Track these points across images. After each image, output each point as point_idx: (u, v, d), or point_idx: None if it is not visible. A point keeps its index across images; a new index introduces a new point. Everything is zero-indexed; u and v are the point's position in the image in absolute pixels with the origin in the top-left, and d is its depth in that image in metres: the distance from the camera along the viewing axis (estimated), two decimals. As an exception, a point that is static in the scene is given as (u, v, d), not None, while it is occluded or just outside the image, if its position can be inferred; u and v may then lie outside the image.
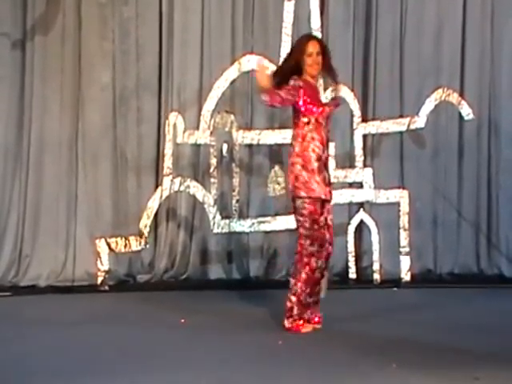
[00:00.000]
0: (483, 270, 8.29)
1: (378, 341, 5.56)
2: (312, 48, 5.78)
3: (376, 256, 7.95)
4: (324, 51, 5.83)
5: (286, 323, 5.77)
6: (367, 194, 7.98)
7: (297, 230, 5.81)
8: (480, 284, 7.93)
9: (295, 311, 5.75)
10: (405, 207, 7.98)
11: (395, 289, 7.79)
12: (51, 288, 7.45)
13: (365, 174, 8.00)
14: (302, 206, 5.72)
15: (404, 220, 7.98)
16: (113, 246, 7.58)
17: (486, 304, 7.06)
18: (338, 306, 6.86)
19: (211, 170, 7.84)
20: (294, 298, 5.74)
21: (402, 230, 7.98)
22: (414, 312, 6.67)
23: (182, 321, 6.11)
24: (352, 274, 7.98)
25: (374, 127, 8.10)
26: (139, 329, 5.89)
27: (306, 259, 5.72)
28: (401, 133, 8.17)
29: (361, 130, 8.07)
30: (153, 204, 7.72)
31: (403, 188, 8.10)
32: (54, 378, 4.59)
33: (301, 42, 5.87)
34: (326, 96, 7.95)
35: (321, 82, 7.89)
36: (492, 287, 7.86)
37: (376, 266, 7.95)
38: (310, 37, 6.03)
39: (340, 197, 7.91)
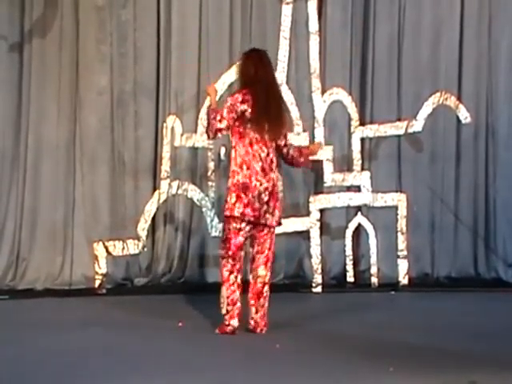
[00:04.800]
0: (480, 274, 8.30)
1: (376, 344, 5.56)
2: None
3: (374, 259, 7.96)
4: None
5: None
6: (365, 197, 7.98)
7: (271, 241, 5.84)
8: (477, 288, 7.94)
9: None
10: (402, 211, 7.98)
11: (393, 292, 7.79)
12: (48, 291, 7.45)
13: (362, 178, 8.01)
14: None
15: (402, 223, 7.98)
16: (110, 249, 7.57)
17: (483, 308, 7.06)
18: (335, 310, 6.87)
19: (209, 174, 7.83)
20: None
21: (399, 234, 7.98)
22: (411, 316, 6.68)
23: (180, 324, 6.10)
24: (350, 278, 7.98)
25: (371, 131, 8.10)
26: (137, 332, 5.88)
27: None
28: (398, 136, 8.18)
29: (358, 133, 8.08)
30: (150, 207, 7.72)
31: (401, 191, 8.10)
32: (52, 382, 4.58)
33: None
34: (324, 100, 7.97)
35: (319, 85, 7.94)
36: (489, 291, 7.87)
37: (374, 270, 7.95)
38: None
39: (338, 200, 7.93)
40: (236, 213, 5.67)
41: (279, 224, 5.86)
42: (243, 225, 5.69)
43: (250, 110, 5.68)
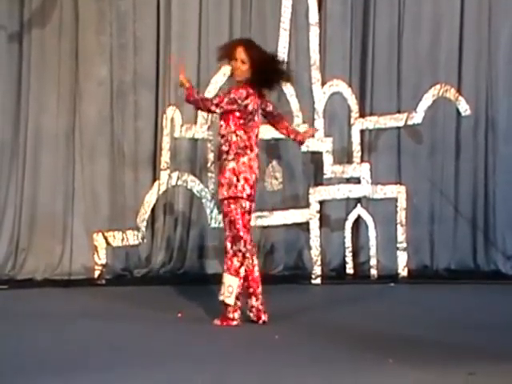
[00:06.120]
0: (480, 266, 8.30)
1: (375, 336, 5.56)
2: (237, 55, 5.84)
3: (373, 251, 7.96)
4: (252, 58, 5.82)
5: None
6: (364, 189, 7.97)
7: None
8: (476, 280, 7.94)
9: None
10: (402, 203, 7.98)
11: (392, 284, 7.80)
12: (48, 282, 7.45)
13: (362, 170, 8.00)
14: None
15: (401, 215, 7.98)
16: (110, 239, 7.57)
17: (482, 300, 7.07)
18: (334, 301, 6.88)
19: (209, 165, 7.83)
20: None
21: (399, 226, 7.98)
22: (410, 307, 6.68)
23: (179, 315, 6.11)
24: (349, 270, 7.98)
25: (371, 123, 8.09)
26: (136, 323, 5.88)
27: None
28: (398, 128, 8.17)
29: (358, 125, 8.07)
30: (150, 198, 7.71)
31: (400, 183, 8.10)
32: (51, 373, 4.58)
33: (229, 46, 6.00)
34: (323, 91, 7.96)
35: (319, 76, 7.92)
36: (488, 283, 7.87)
37: (373, 262, 7.95)
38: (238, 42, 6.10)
39: (337, 192, 7.92)
40: (245, 195, 5.79)
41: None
42: (247, 206, 5.82)
43: (253, 103, 5.78)
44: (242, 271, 5.82)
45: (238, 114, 5.79)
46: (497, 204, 8.34)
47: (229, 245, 5.84)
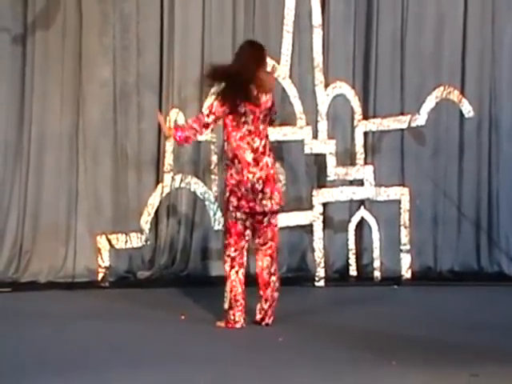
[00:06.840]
0: (483, 268, 8.28)
1: (378, 338, 5.56)
2: None
3: (376, 253, 7.94)
4: None
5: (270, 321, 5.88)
6: (368, 191, 7.96)
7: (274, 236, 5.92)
8: (480, 281, 7.92)
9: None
10: (405, 204, 7.96)
11: (395, 286, 7.78)
12: (51, 284, 7.45)
13: (365, 172, 7.99)
14: None
15: (405, 217, 7.96)
16: (113, 242, 7.57)
17: (486, 301, 7.06)
18: (338, 303, 6.87)
19: (212, 167, 7.82)
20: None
21: (402, 228, 7.96)
22: (414, 309, 6.67)
23: (182, 317, 6.11)
24: (352, 272, 7.97)
25: (374, 125, 8.08)
26: (139, 325, 5.88)
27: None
28: (401, 130, 8.16)
29: (361, 127, 8.05)
30: (153, 200, 7.71)
31: (404, 185, 8.09)
32: (51, 373, 4.58)
33: None
34: (327, 93, 7.94)
35: (322, 78, 7.92)
36: (492, 285, 7.86)
37: (376, 264, 7.94)
38: None
39: (341, 194, 7.91)
40: (231, 207, 5.78)
41: (280, 206, 5.91)
42: (239, 214, 5.78)
43: (243, 105, 5.75)
44: (233, 274, 5.82)
45: (230, 117, 5.77)
46: (500, 205, 8.32)
47: (223, 248, 5.87)
